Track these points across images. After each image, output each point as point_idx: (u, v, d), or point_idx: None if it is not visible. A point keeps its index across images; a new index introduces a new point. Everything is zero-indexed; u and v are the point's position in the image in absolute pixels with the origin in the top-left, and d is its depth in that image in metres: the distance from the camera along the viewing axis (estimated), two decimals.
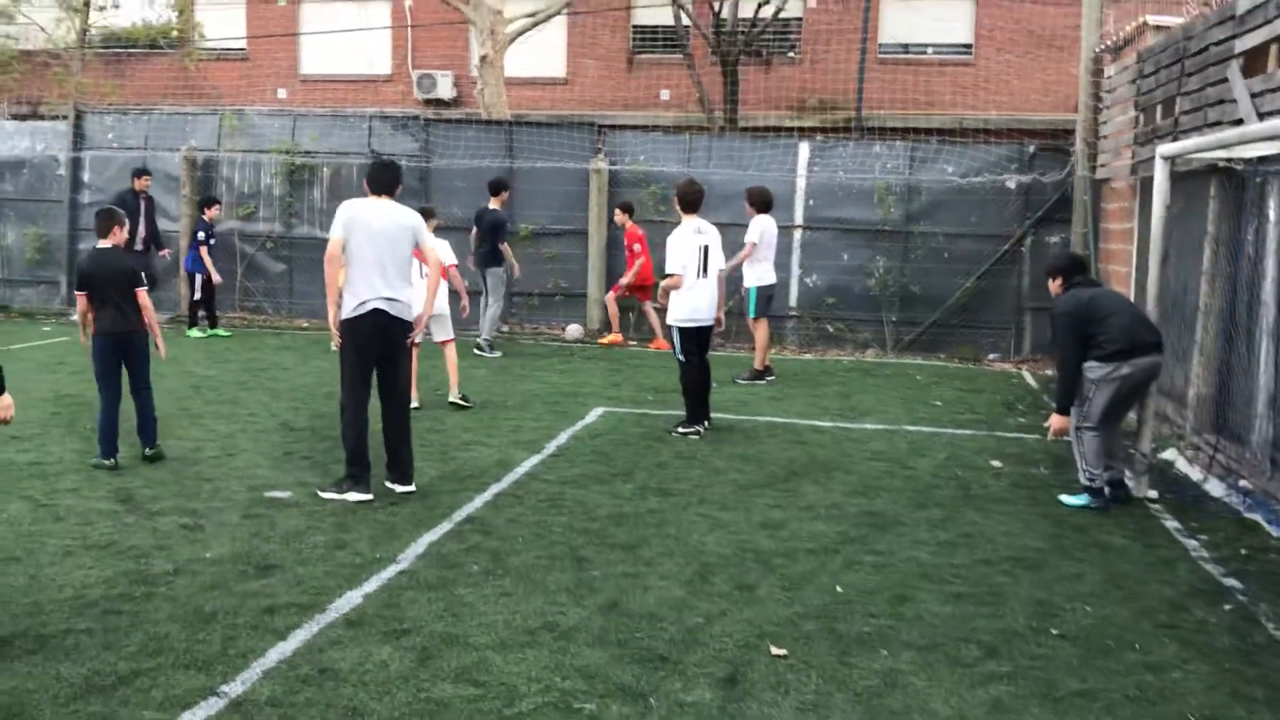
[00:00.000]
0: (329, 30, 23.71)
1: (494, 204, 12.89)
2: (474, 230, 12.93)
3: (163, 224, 14.97)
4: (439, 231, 9.88)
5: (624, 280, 13.76)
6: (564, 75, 24.07)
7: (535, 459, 7.81)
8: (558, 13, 17.97)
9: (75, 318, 7.88)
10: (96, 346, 7.37)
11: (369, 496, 6.64)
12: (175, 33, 23.90)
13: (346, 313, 6.67)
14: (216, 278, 13.86)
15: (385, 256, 6.68)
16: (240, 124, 15.83)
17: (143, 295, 7.43)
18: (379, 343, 6.71)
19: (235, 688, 4.09)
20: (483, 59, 16.51)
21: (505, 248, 13.05)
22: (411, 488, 6.84)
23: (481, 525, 6.19)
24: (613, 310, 14.08)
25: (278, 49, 24.72)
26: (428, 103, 23.41)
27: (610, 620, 4.84)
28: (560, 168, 14.76)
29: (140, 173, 13.98)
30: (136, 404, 7.54)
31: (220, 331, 13.99)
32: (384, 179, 6.91)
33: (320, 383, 10.53)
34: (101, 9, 20.64)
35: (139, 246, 13.40)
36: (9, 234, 16.29)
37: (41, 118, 17.77)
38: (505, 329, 14.43)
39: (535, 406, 9.77)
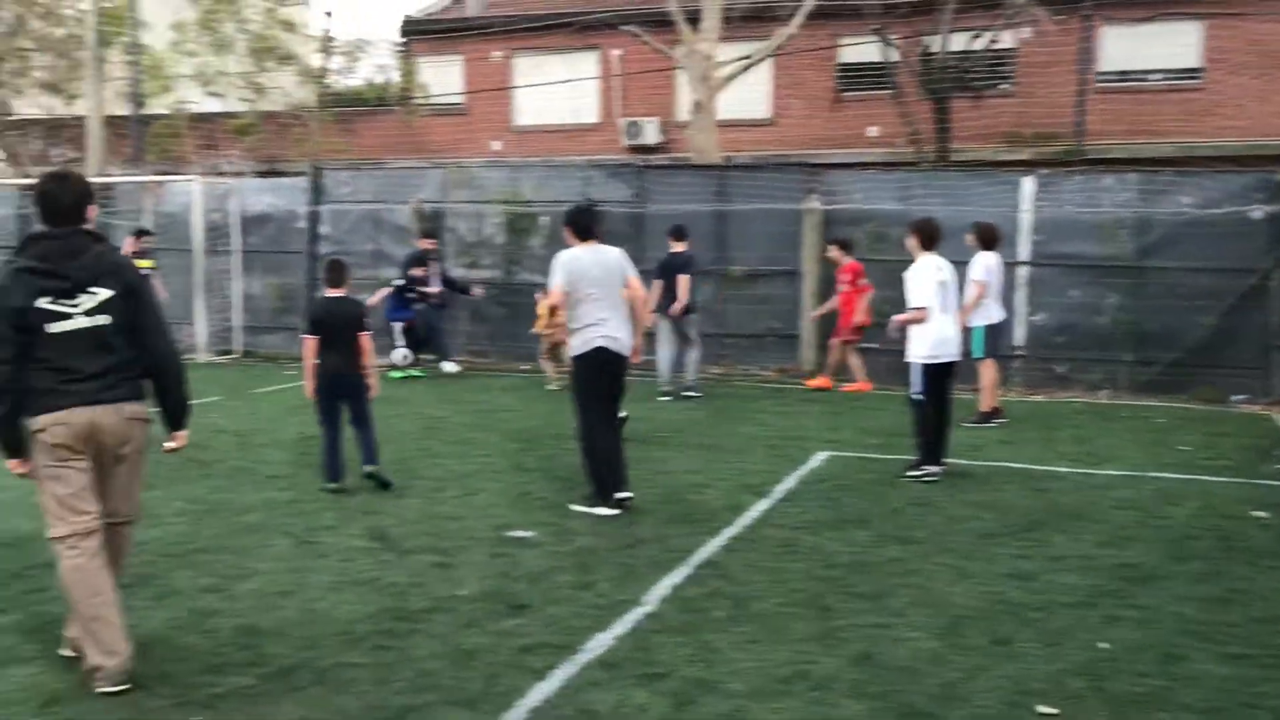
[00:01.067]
0: (541, 83, 24.58)
1: (679, 247, 12.87)
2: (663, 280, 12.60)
3: (390, 272, 15.77)
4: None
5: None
6: (769, 116, 24.18)
7: (764, 503, 7.77)
8: (770, 55, 18.05)
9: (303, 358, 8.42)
10: (321, 385, 8.03)
11: (616, 511, 7.29)
12: (400, 91, 25.25)
13: (577, 350, 7.42)
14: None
15: (605, 297, 7.39)
16: (463, 176, 16.55)
17: (365, 339, 8.04)
18: (606, 375, 7.42)
19: None
20: (695, 104, 16.73)
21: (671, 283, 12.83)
22: (629, 494, 7.42)
23: (719, 570, 6.19)
24: (843, 358, 13.44)
25: (492, 103, 25.79)
26: (634, 149, 23.91)
27: (865, 672, 4.74)
28: (771, 209, 14.78)
29: (430, 235, 15.11)
30: (359, 435, 8.13)
31: (415, 372, 14.54)
32: (589, 224, 7.59)
33: (547, 425, 10.80)
34: (339, 73, 21.94)
35: (435, 301, 14.55)
36: (254, 284, 17.47)
37: (283, 175, 19.00)
38: (718, 371, 14.51)
39: (757, 450, 9.74)
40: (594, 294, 7.34)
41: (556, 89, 24.44)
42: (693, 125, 17.08)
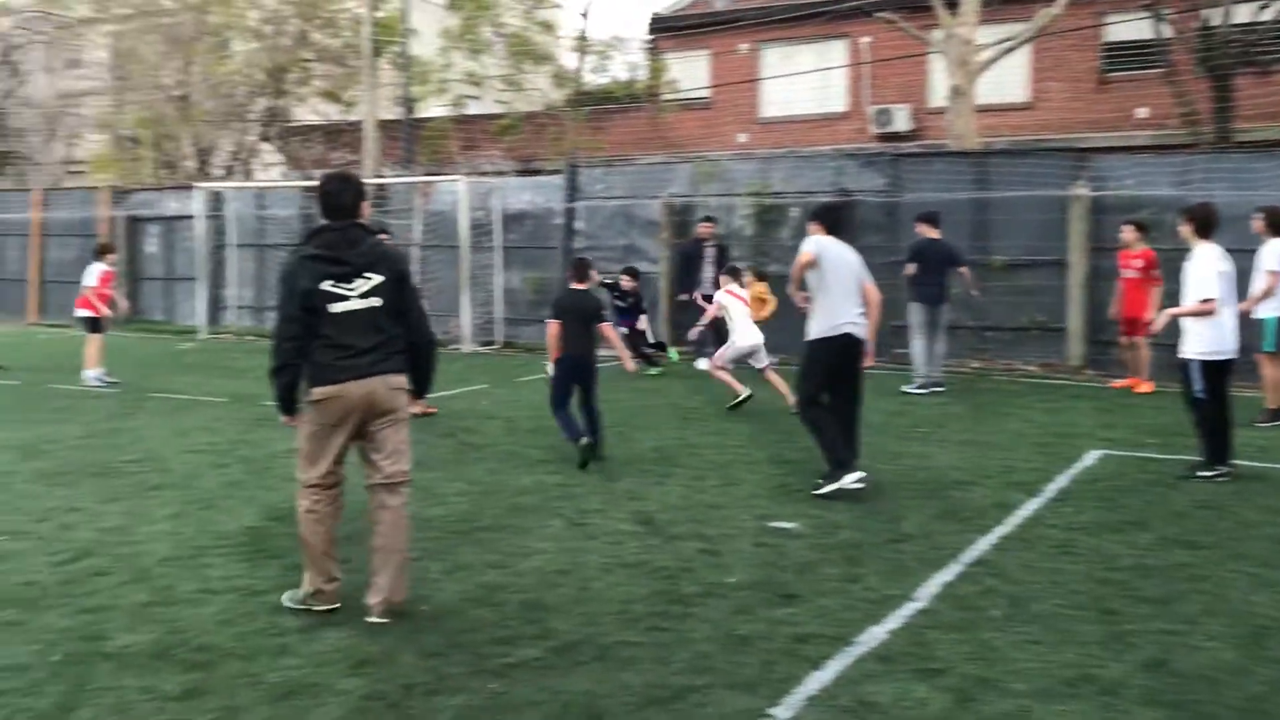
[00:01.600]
0: (788, 74, 24.47)
1: (934, 233, 12.55)
2: (914, 265, 12.49)
3: (643, 266, 16.11)
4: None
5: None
6: (1028, 99, 23.21)
7: (1035, 502, 7.49)
8: (1034, 38, 17.31)
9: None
10: (560, 366, 8.84)
11: (861, 474, 7.48)
12: (648, 87, 25.73)
13: (821, 333, 7.63)
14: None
15: (852, 290, 7.70)
16: (713, 170, 16.71)
17: (606, 328, 9.04)
18: (846, 362, 7.66)
19: (783, 712, 4.23)
20: (953, 89, 16.27)
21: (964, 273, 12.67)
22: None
23: (993, 569, 6.02)
24: (1140, 352, 12.49)
25: (739, 95, 25.87)
26: (883, 137, 23.48)
27: (1158, 679, 4.51)
28: (1034, 196, 14.20)
29: (707, 219, 15.16)
30: (586, 416, 8.80)
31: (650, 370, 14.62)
32: (838, 220, 8.03)
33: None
34: (593, 71, 22.57)
35: (707, 290, 14.37)
36: (514, 278, 18.24)
37: (540, 173, 19.73)
38: (976, 365, 14.08)
39: (1023, 447, 9.41)
40: (842, 283, 7.63)
41: (803, 79, 24.29)
42: (950, 111, 16.60)
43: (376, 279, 5.15)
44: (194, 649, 4.84)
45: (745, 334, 11.40)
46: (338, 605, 5.27)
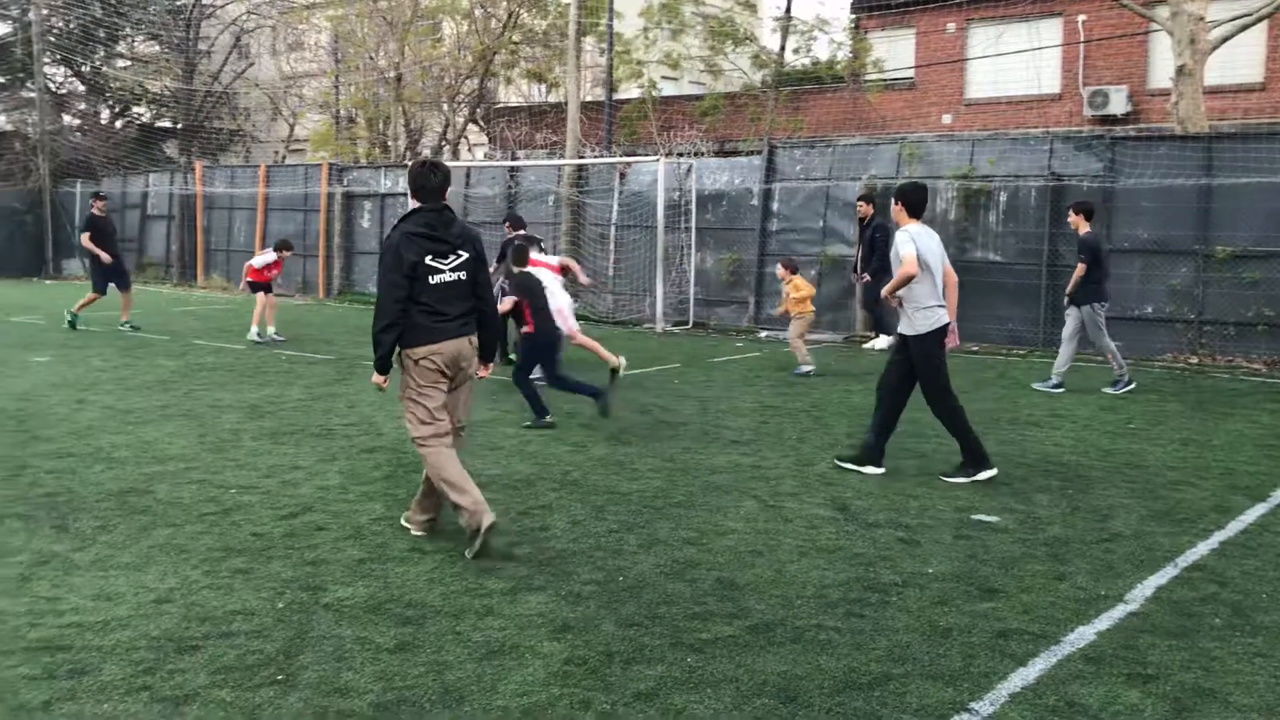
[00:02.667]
0: (997, 54, 23.62)
1: (1086, 227, 11.74)
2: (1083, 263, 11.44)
3: (839, 249, 15.90)
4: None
5: None
6: (1260, 80, 21.71)
7: (1261, 508, 7.03)
8: (1271, 13, 16.14)
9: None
10: (530, 341, 9.45)
11: (994, 471, 7.57)
12: (849, 67, 25.28)
13: (929, 327, 7.53)
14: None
15: (939, 277, 7.62)
16: (917, 152, 16.30)
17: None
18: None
19: (984, 707, 4.12)
20: (1179, 70, 15.35)
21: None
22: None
23: (1213, 575, 5.69)
24: None
25: (944, 76, 25.14)
26: (1098, 119, 22.39)
27: None
28: (1266, 183, 13.28)
29: (864, 199, 15.22)
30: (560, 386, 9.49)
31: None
32: (923, 201, 7.69)
33: (999, 408, 10.47)
34: (795, 51, 22.33)
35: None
36: (708, 259, 18.28)
37: (738, 154, 19.68)
38: (1194, 360, 13.32)
39: (1246, 448, 8.84)
40: (934, 273, 7.54)
41: (1013, 59, 23.39)
42: (1175, 93, 15.67)
43: (465, 255, 5.92)
44: (405, 605, 5.08)
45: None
46: (493, 519, 5.76)
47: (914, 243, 7.45)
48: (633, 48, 23.68)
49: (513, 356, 13.19)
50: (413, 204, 6.01)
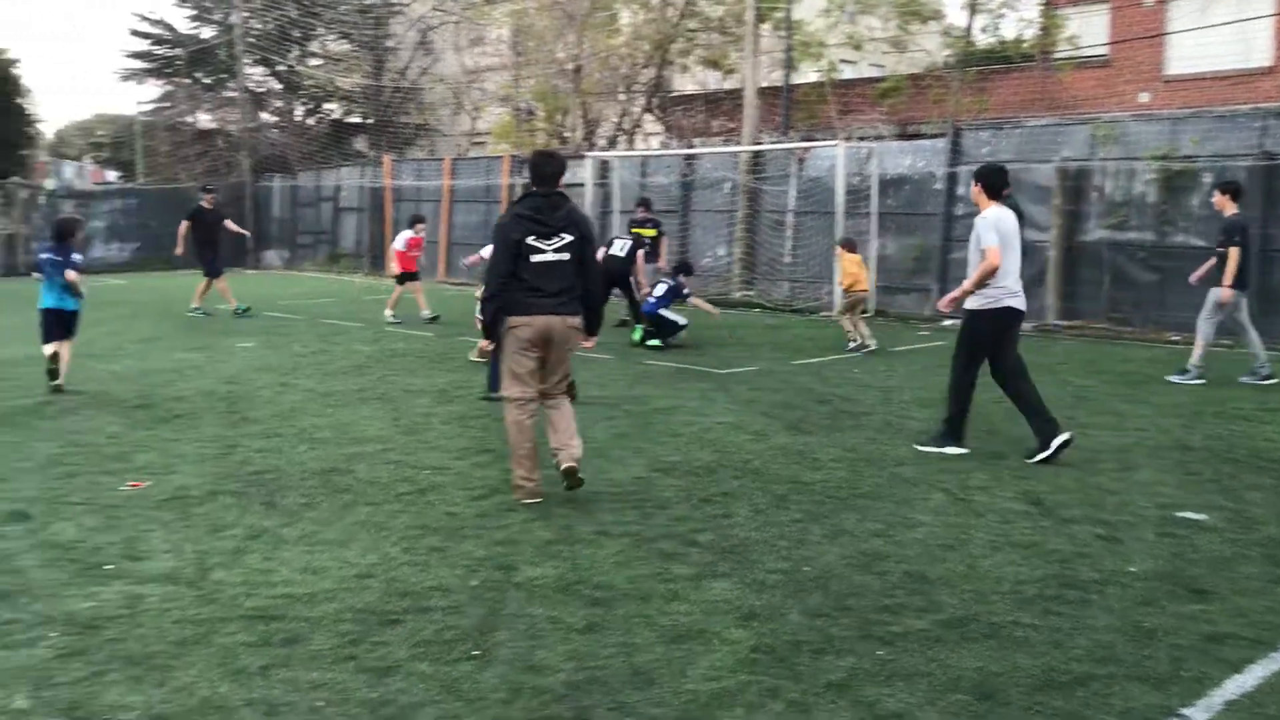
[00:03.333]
0: (1202, 26, 22.31)
1: (1233, 209, 10.89)
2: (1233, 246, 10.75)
3: (1031, 234, 15.31)
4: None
5: None
6: None
7: None
8: None
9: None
10: None
11: (965, 451, 7.80)
12: (1038, 45, 24.31)
13: (983, 306, 7.60)
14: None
15: (1016, 259, 7.67)
16: (1112, 132, 15.56)
17: None
18: (1008, 333, 7.75)
19: (1197, 714, 3.92)
20: None
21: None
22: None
23: None
24: None
25: (1141, 51, 23.90)
26: None
27: None
28: None
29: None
30: None
31: None
32: (1004, 184, 7.78)
33: (1205, 401, 9.92)
34: (983, 30, 21.63)
35: None
36: (889, 245, 17.91)
37: (920, 136, 19.20)
38: None
39: None
40: (1011, 255, 7.57)
41: (1218, 31, 22.04)
42: None
43: (568, 238, 6.39)
44: (593, 586, 5.16)
45: None
46: (539, 499, 6.50)
47: (995, 229, 7.48)
48: (813, 31, 23.36)
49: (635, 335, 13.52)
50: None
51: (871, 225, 17.76)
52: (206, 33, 38.93)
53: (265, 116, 38.60)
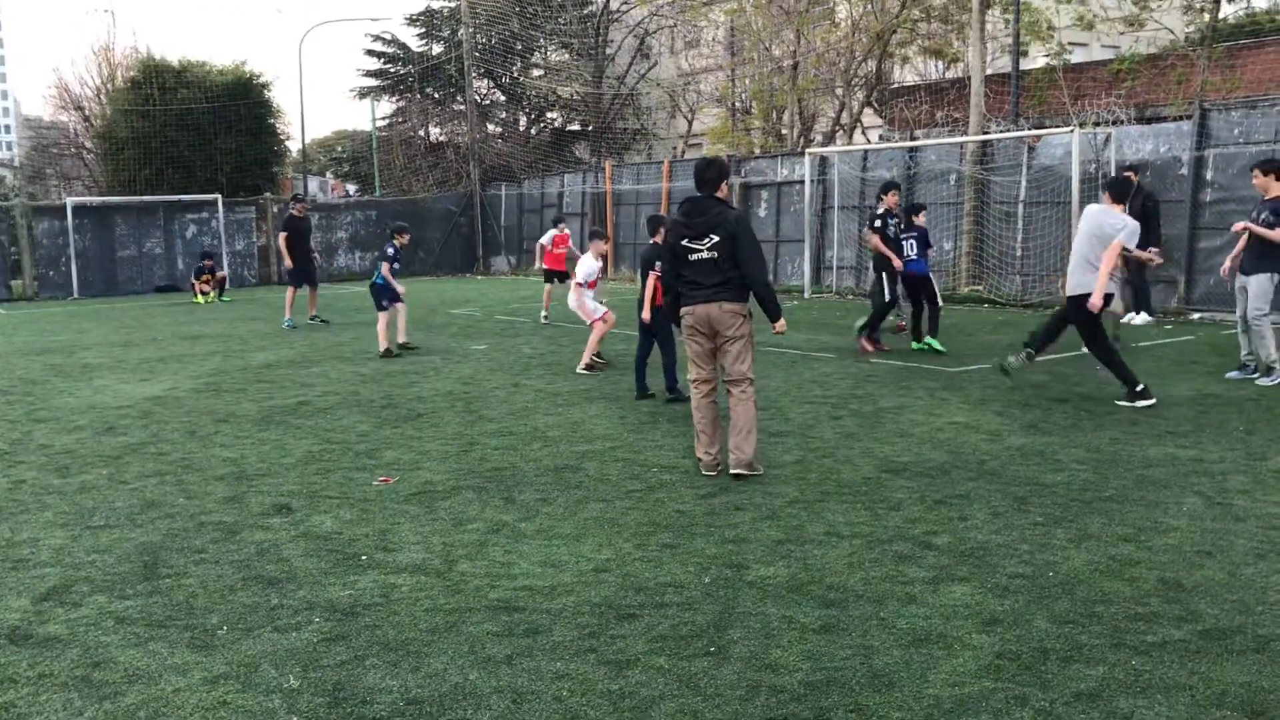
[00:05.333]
0: None
1: (1277, 189, 9.91)
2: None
3: None
4: None
5: None
6: None
7: None
8: None
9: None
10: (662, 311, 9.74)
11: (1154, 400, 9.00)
12: None
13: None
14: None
15: None
16: None
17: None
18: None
19: None
20: None
21: None
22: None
23: None
24: None
25: None
26: None
27: None
28: None
29: (1130, 168, 14.65)
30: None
31: None
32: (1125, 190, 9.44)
33: None
34: (1232, 1, 20.23)
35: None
36: None
37: (1162, 119, 18.10)
38: None
39: None
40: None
41: None
42: None
43: (715, 238, 7.12)
44: (826, 587, 5.11)
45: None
46: (715, 472, 7.24)
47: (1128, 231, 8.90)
48: (1041, 12, 22.41)
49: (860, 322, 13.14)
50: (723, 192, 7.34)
51: None
52: (436, 49, 40.82)
53: (491, 128, 40.14)
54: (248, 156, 32.23)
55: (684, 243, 7.21)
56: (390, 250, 14.22)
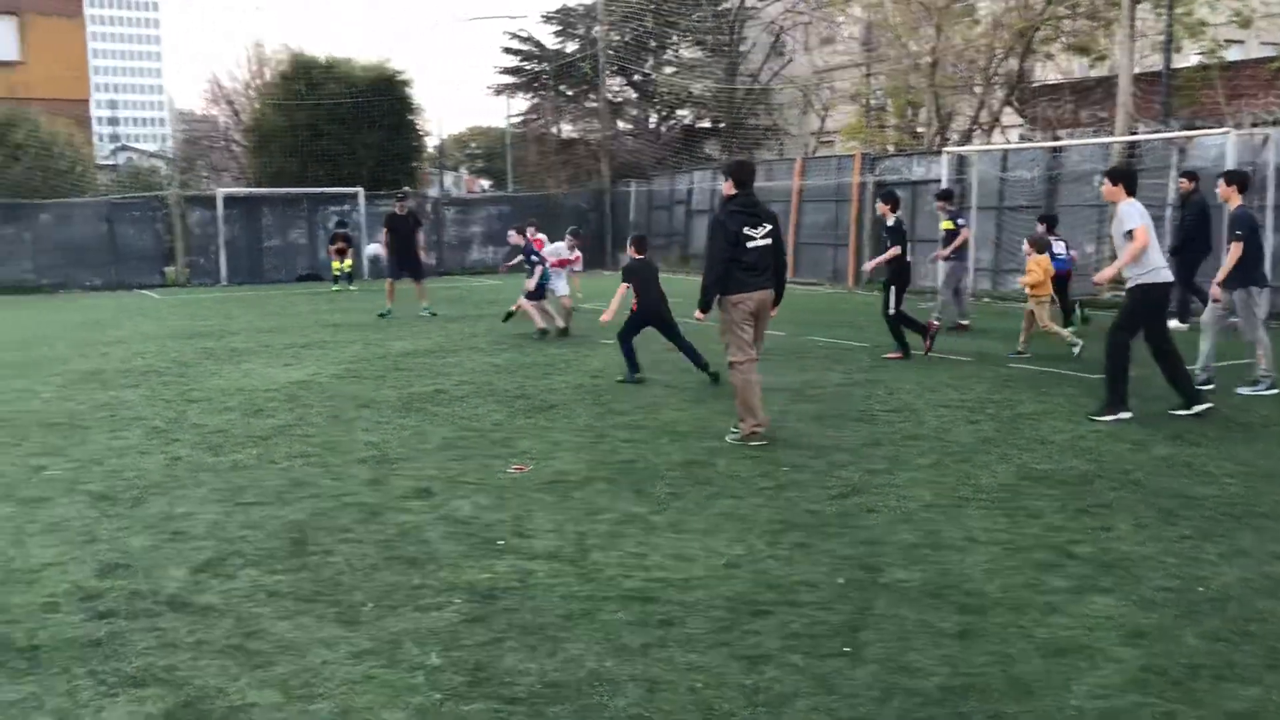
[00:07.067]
0: None
1: (1238, 201, 9.75)
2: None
3: None
4: None
5: None
6: None
7: None
8: None
9: None
10: (638, 316, 11.37)
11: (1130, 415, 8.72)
12: None
13: (1151, 280, 8.58)
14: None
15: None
16: None
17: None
18: (1165, 305, 8.91)
19: None
20: None
21: None
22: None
23: None
24: None
25: None
26: None
27: None
28: None
29: (1187, 175, 14.55)
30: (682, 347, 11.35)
31: None
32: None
33: None
34: None
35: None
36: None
37: None
38: None
39: None
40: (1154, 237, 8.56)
41: None
42: None
43: (767, 228, 8.08)
44: (964, 593, 5.03)
45: None
46: (766, 441, 8.11)
47: (1141, 214, 8.59)
48: (1195, 8, 21.53)
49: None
50: (725, 189, 8.23)
51: (1268, 219, 16.10)
52: (570, 47, 41.29)
53: (621, 125, 40.42)
54: (389, 151, 33.09)
55: (745, 230, 7.97)
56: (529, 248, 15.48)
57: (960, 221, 15.68)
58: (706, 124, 40.15)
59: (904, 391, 10.30)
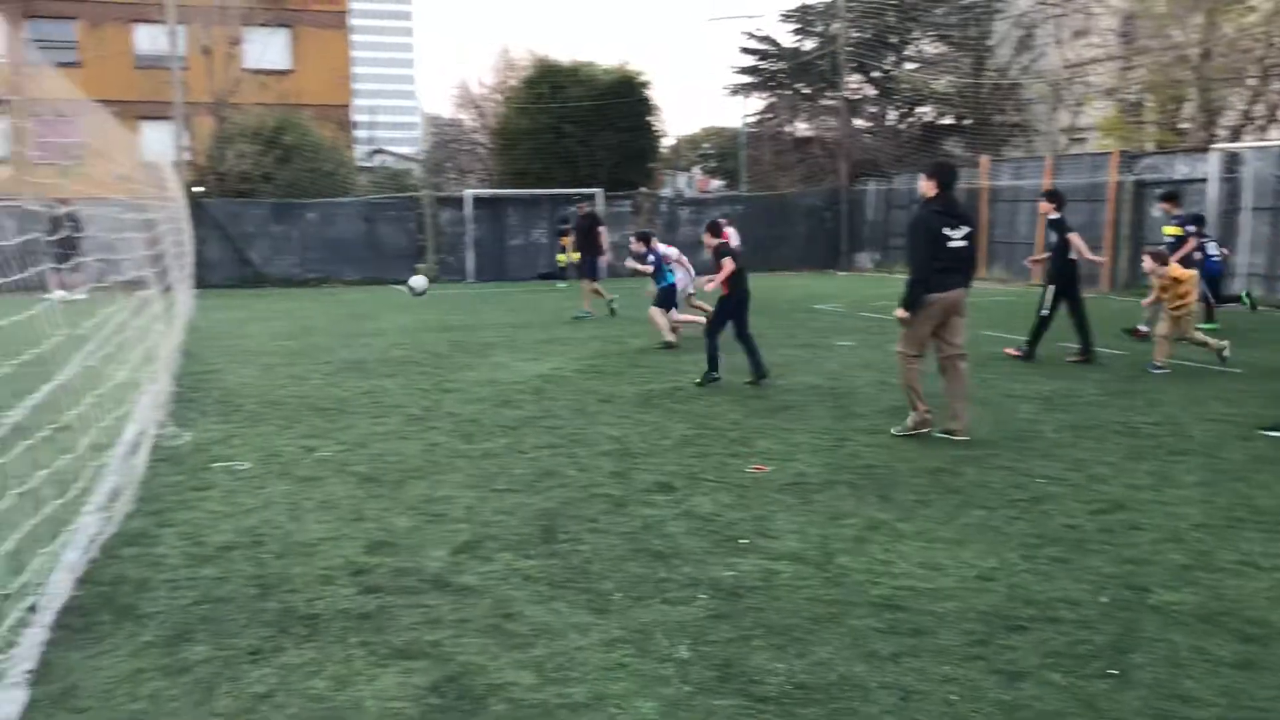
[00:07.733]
0: None
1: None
2: None
3: None
4: None
5: None
6: None
7: None
8: None
9: None
10: (727, 302, 11.31)
11: None
12: None
13: None
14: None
15: None
16: None
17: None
18: None
19: None
20: None
21: None
22: None
23: None
24: None
25: None
26: None
27: None
28: None
29: None
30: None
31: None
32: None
33: None
34: None
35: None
36: None
37: None
38: None
39: None
40: None
41: None
42: None
43: (966, 229, 8.22)
44: (1243, 620, 4.68)
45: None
46: (929, 430, 8.43)
47: None
48: None
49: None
50: (925, 189, 8.31)
51: None
52: (808, 45, 40.94)
53: (859, 122, 39.75)
54: (627, 151, 33.75)
55: (945, 230, 8.14)
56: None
57: (1190, 229, 14.52)
58: (948, 120, 38.96)
59: (1167, 404, 9.69)
